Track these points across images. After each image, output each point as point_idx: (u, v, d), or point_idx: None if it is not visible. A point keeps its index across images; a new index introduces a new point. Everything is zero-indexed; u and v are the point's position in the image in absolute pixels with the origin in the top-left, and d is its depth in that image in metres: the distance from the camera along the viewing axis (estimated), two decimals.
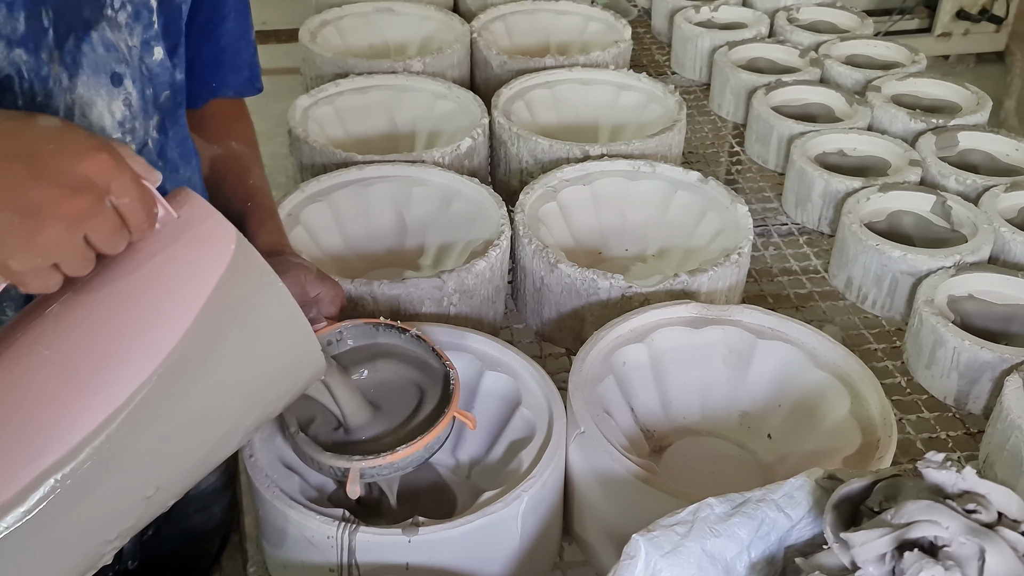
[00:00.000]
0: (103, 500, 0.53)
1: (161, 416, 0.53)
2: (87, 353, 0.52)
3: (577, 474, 0.78)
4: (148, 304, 0.54)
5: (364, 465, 0.70)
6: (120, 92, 0.71)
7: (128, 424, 0.52)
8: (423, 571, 0.69)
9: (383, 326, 0.81)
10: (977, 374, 0.93)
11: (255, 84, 0.95)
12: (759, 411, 0.88)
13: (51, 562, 0.52)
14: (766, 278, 1.18)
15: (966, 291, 1.03)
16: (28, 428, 0.50)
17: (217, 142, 0.92)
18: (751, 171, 1.40)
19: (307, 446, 0.72)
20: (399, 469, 0.72)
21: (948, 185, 1.21)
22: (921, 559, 0.47)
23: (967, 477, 0.51)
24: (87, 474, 0.51)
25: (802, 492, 0.60)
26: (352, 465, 0.70)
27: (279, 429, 0.76)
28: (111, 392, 0.52)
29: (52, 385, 0.51)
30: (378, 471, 0.71)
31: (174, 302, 0.54)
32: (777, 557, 0.60)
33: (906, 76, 1.45)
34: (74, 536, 0.52)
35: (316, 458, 0.71)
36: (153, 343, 0.53)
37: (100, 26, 0.69)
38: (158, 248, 0.54)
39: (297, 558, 0.72)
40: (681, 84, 1.64)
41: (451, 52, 1.43)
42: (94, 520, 0.53)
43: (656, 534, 0.57)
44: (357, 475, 0.70)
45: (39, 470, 0.50)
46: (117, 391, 0.52)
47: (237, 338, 0.56)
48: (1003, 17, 3.17)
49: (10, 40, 0.63)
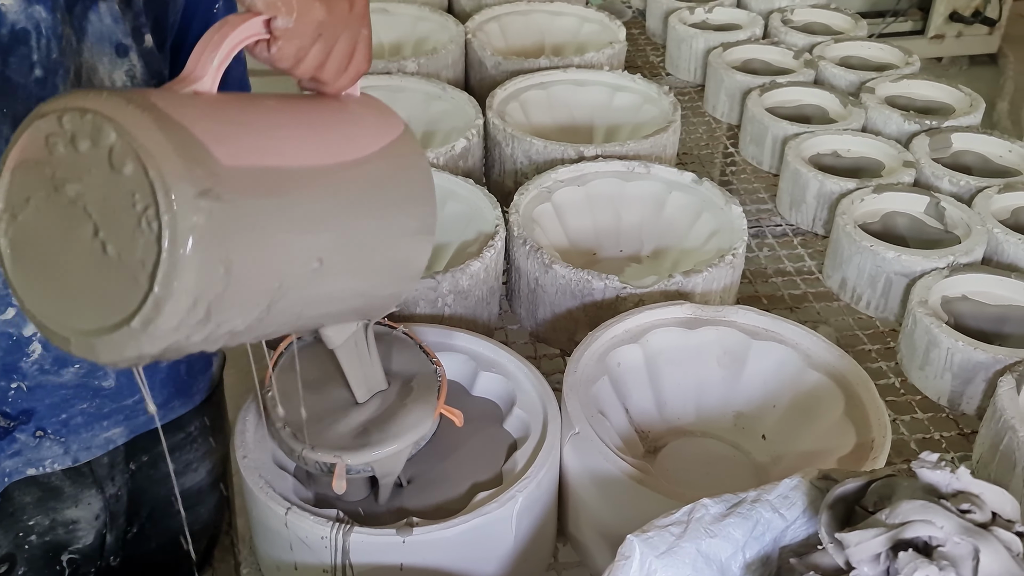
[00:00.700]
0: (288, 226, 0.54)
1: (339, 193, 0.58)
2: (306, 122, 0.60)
3: (572, 475, 0.78)
4: (355, 119, 0.63)
5: (350, 461, 0.70)
6: (124, 63, 0.73)
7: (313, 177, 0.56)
8: (417, 572, 0.69)
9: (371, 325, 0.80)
10: (971, 375, 0.94)
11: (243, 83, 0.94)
12: (753, 412, 0.88)
13: None
14: (760, 279, 1.18)
15: (960, 292, 1.03)
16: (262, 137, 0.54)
17: None
18: (745, 172, 1.41)
19: (292, 441, 0.71)
20: None
21: (942, 186, 1.21)
22: (916, 559, 0.47)
23: (961, 477, 0.51)
24: None
25: (797, 492, 0.60)
26: (339, 461, 0.70)
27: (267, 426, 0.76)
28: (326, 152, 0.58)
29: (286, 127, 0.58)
30: (364, 467, 0.71)
31: (373, 129, 0.63)
32: (772, 557, 0.60)
33: (900, 78, 1.45)
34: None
35: (301, 453, 0.71)
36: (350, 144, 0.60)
37: None
38: (358, 103, 0.65)
39: (290, 559, 0.72)
40: (675, 85, 1.64)
41: (445, 53, 1.42)
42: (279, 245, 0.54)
43: (651, 534, 0.57)
44: (343, 470, 0.70)
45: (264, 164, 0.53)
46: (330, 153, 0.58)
47: (398, 184, 0.63)
48: (996, 19, 3.17)
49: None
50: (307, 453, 0.71)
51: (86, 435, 0.78)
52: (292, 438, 0.71)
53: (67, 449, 0.78)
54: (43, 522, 0.79)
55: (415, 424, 0.73)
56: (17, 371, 0.72)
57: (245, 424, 0.77)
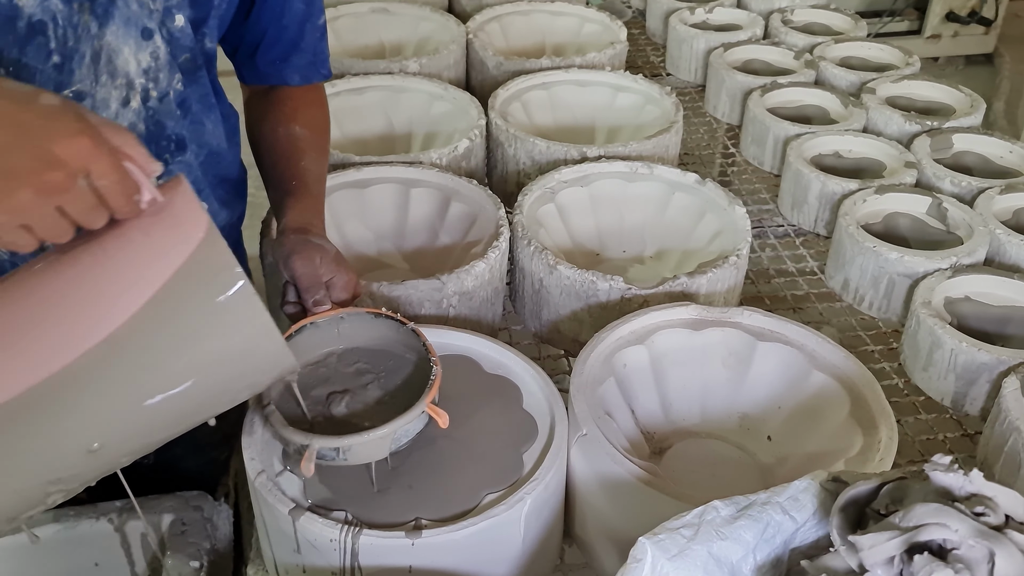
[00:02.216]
0: (38, 445, 0.57)
1: (100, 381, 0.57)
2: (41, 312, 0.57)
3: (579, 476, 0.78)
4: (110, 276, 0.57)
5: (321, 445, 0.69)
6: (149, 45, 0.77)
7: (63, 384, 0.56)
8: (426, 573, 0.69)
9: (383, 317, 0.81)
10: (974, 376, 0.94)
11: (320, 69, 0.97)
12: (759, 413, 0.88)
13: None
14: (763, 279, 1.18)
15: (962, 293, 1.04)
16: None
17: (282, 125, 0.93)
18: (746, 172, 1.41)
19: (273, 419, 0.72)
20: None
21: (943, 187, 1.21)
22: (932, 562, 0.47)
23: (974, 480, 0.51)
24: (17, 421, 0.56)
25: (807, 495, 0.60)
26: (311, 443, 0.69)
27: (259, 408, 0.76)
28: (52, 353, 0.56)
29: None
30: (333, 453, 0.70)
31: (134, 278, 0.57)
32: (782, 559, 0.60)
33: (900, 78, 1.46)
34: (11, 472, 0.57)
35: (280, 432, 0.71)
36: (106, 313, 0.57)
37: None
38: (134, 226, 0.58)
39: (299, 561, 0.71)
40: (676, 85, 1.64)
41: (447, 53, 1.42)
42: (30, 461, 0.57)
43: (662, 537, 0.57)
44: (313, 453, 0.69)
45: None
46: (57, 354, 0.56)
47: (191, 323, 0.58)
48: (992, 19, 3.18)
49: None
50: (284, 432, 0.71)
51: None
52: (275, 418, 0.72)
53: None
54: None
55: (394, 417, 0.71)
56: None
57: (253, 426, 0.77)
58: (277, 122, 0.94)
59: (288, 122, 0.93)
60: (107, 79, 0.76)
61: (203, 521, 0.77)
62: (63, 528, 0.77)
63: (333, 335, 0.81)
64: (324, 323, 0.80)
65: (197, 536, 0.76)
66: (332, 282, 0.80)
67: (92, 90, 0.76)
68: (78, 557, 0.78)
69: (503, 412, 0.80)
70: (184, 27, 0.80)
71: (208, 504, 0.78)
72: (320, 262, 0.80)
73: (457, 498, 0.72)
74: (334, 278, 0.80)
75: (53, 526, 0.77)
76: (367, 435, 0.70)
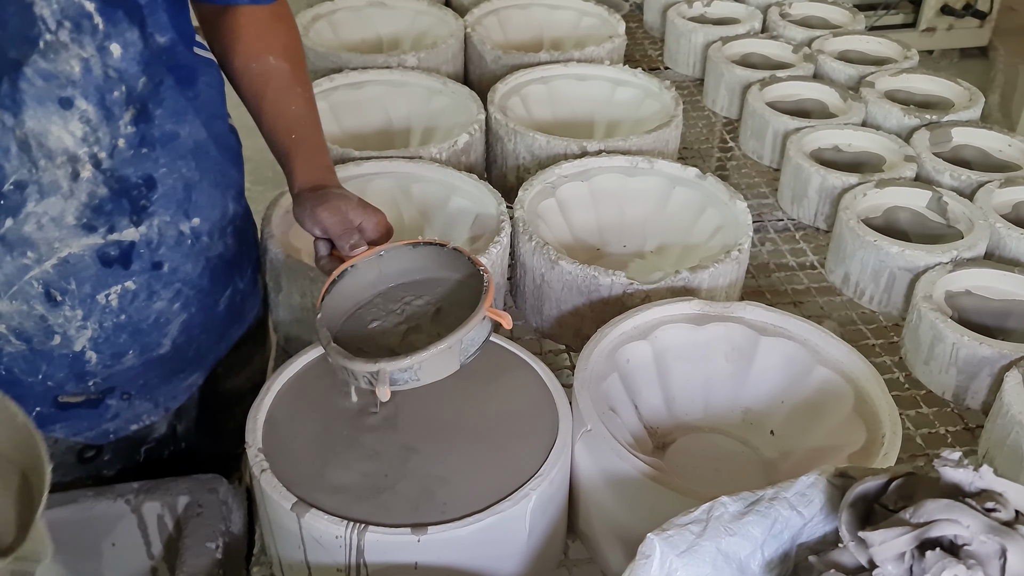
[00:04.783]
0: None
1: None
2: None
3: (583, 472, 0.78)
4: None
5: (391, 367, 0.69)
6: (74, 113, 0.72)
7: None
8: (432, 570, 0.69)
9: (422, 245, 0.82)
10: (976, 370, 0.94)
11: None
12: (762, 407, 0.88)
13: None
14: (763, 274, 1.18)
15: (963, 287, 1.04)
16: None
17: (253, 59, 0.86)
18: (745, 167, 1.41)
19: (337, 355, 0.72)
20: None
21: (943, 181, 1.22)
22: (943, 558, 0.47)
23: (984, 475, 0.51)
24: None
25: (814, 490, 0.60)
26: (380, 366, 0.69)
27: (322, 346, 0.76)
28: None
29: None
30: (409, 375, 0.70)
31: None
32: (790, 555, 0.60)
33: (899, 72, 1.46)
34: None
35: (347, 366, 0.71)
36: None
37: (32, 60, 0.69)
38: None
39: (304, 558, 0.71)
40: (674, 79, 1.64)
41: (445, 47, 1.42)
42: None
43: (671, 533, 0.57)
44: (386, 376, 0.70)
45: None
46: None
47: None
48: (987, 12, 3.19)
49: None
50: (352, 365, 0.70)
51: (166, 388, 0.89)
52: (337, 353, 0.72)
53: (156, 403, 0.89)
54: None
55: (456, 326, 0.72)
56: (88, 374, 0.82)
57: (256, 422, 0.77)
58: (248, 56, 0.85)
59: (258, 54, 0.85)
60: (46, 163, 0.72)
61: (219, 504, 0.77)
62: (80, 508, 0.78)
63: (376, 274, 0.82)
64: (364, 264, 0.80)
65: (213, 518, 0.76)
66: (362, 226, 0.81)
67: (35, 177, 0.72)
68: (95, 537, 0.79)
69: (512, 404, 0.80)
70: (124, 53, 0.73)
71: (224, 487, 0.79)
72: (347, 209, 0.80)
73: (463, 501, 0.72)
74: (363, 222, 0.81)
75: (70, 507, 0.78)
76: (434, 348, 0.70)
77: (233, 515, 0.78)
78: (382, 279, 0.82)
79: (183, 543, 0.75)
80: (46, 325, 0.78)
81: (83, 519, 0.78)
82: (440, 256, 0.81)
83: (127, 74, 0.74)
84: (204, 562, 0.73)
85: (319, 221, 0.80)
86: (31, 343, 0.78)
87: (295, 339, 1.01)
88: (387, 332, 0.78)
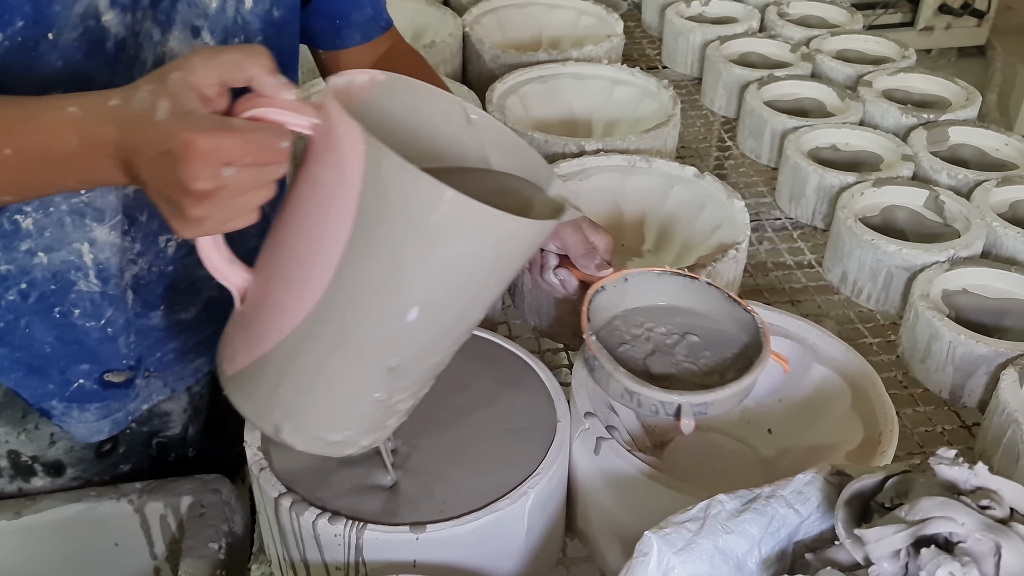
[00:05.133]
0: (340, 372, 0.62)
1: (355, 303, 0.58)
2: (285, 265, 0.61)
3: (582, 470, 0.79)
4: (315, 216, 0.58)
5: (691, 400, 0.71)
6: (198, 43, 0.75)
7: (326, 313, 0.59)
8: (430, 568, 0.69)
9: (668, 274, 0.82)
10: (972, 368, 0.94)
11: (379, 21, 0.94)
12: (760, 406, 0.88)
13: None
14: (761, 272, 1.19)
15: (960, 285, 1.04)
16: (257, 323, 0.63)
17: None
18: (743, 166, 1.41)
19: (634, 383, 0.72)
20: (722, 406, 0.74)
21: (940, 180, 1.22)
22: (938, 555, 0.47)
23: (979, 473, 0.51)
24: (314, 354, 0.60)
25: (811, 488, 0.60)
26: (683, 400, 0.71)
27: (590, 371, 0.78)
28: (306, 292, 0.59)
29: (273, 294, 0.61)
30: (700, 408, 0.72)
31: (334, 210, 0.56)
32: (786, 553, 0.60)
33: (896, 71, 1.46)
34: None
35: (645, 394, 0.72)
36: (328, 248, 0.57)
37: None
38: (310, 161, 0.58)
39: (303, 557, 0.72)
40: (672, 78, 1.64)
41: (444, 46, 1.42)
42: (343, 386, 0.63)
43: (668, 531, 0.57)
44: (690, 410, 0.71)
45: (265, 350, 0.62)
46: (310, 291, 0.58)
47: (400, 228, 0.55)
48: (985, 11, 3.19)
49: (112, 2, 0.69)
50: (652, 394, 0.71)
51: (177, 368, 0.92)
52: (630, 380, 0.72)
53: (165, 382, 0.91)
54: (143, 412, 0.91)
55: (750, 366, 0.74)
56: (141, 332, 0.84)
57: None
58: None
59: None
60: None
61: (222, 504, 0.78)
62: (84, 508, 0.79)
63: (617, 296, 0.82)
64: (610, 286, 0.81)
65: (216, 519, 0.77)
66: (597, 244, 0.81)
67: None
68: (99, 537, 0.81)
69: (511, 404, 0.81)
70: (253, 7, 0.78)
71: (227, 488, 0.80)
72: (584, 226, 0.81)
73: (462, 499, 0.72)
74: (596, 240, 0.81)
75: (74, 506, 0.79)
76: (731, 388, 0.72)
77: (236, 516, 0.78)
78: (620, 302, 0.82)
79: (186, 543, 0.75)
80: None
81: (87, 519, 0.79)
82: (685, 287, 0.82)
83: (249, 28, 0.78)
84: (207, 562, 0.73)
85: (560, 237, 0.80)
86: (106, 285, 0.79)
87: None
88: (636, 359, 0.78)
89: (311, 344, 0.60)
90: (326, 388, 0.63)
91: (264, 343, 0.62)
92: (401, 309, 0.59)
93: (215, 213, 0.55)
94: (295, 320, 0.59)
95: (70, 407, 0.83)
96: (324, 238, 0.57)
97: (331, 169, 0.55)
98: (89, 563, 0.81)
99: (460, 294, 0.61)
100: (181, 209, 0.55)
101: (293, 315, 0.60)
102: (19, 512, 0.79)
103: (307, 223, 0.58)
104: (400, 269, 0.56)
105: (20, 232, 0.75)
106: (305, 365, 0.61)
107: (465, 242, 0.56)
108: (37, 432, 0.84)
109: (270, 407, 0.64)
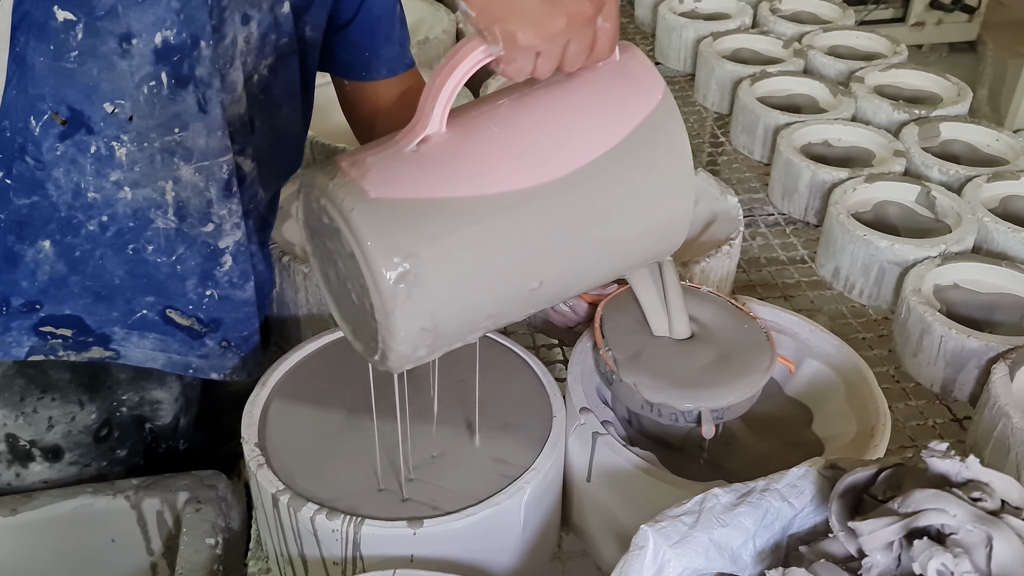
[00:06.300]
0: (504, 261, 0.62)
1: (563, 209, 0.62)
2: (528, 138, 0.62)
3: (577, 465, 0.79)
4: (585, 117, 0.63)
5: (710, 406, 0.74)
6: (244, 30, 0.79)
7: (539, 202, 0.61)
8: (427, 563, 0.70)
9: None
10: (963, 362, 0.95)
11: (405, 59, 0.99)
12: None
13: None
14: (754, 268, 1.19)
15: (951, 280, 1.05)
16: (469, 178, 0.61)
17: None
18: (736, 162, 1.42)
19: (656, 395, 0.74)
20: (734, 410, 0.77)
21: (931, 175, 1.23)
22: (931, 547, 0.48)
23: (971, 466, 0.52)
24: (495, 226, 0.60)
25: (805, 481, 0.61)
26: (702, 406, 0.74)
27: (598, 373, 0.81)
28: (539, 170, 0.61)
29: (495, 154, 0.61)
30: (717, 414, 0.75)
31: (606, 122, 0.63)
32: (781, 545, 0.61)
33: (888, 67, 1.47)
34: None
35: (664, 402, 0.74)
36: (581, 149, 0.62)
37: None
38: (599, 78, 0.63)
39: (300, 552, 0.72)
40: (665, 75, 1.65)
41: (438, 42, 1.42)
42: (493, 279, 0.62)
43: (664, 524, 0.58)
44: (710, 416, 0.74)
45: None
46: (544, 171, 0.61)
47: (644, 173, 0.64)
48: (975, 7, 3.20)
49: None
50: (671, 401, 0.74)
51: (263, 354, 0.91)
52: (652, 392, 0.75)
53: (244, 363, 0.89)
54: (133, 398, 0.89)
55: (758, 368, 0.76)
56: (211, 278, 0.83)
57: (252, 417, 0.77)
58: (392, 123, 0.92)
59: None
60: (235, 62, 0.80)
61: (218, 500, 0.78)
62: (80, 505, 0.79)
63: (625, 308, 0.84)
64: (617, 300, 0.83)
65: (212, 514, 0.77)
66: None
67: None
68: (95, 533, 0.80)
69: (507, 398, 0.81)
70: (288, 14, 0.83)
71: (223, 483, 0.80)
72: None
73: (458, 494, 0.73)
74: None
75: (70, 502, 0.79)
76: (745, 393, 0.75)
77: (232, 511, 0.79)
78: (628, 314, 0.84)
79: (182, 539, 0.75)
80: (208, 211, 0.80)
81: (83, 515, 0.79)
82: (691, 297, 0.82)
83: (283, 29, 0.83)
84: (203, 558, 0.74)
85: None
86: (183, 223, 0.79)
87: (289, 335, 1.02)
88: None
89: (502, 219, 0.60)
90: (482, 265, 0.61)
91: (448, 189, 0.60)
92: (593, 234, 0.63)
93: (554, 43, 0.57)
94: (503, 187, 0.60)
95: (130, 333, 0.83)
96: (585, 140, 0.62)
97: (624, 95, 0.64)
98: (86, 559, 0.81)
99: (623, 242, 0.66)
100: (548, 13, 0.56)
101: (504, 181, 0.60)
102: (15, 509, 0.79)
103: (575, 124, 0.63)
104: (622, 194, 0.63)
105: (113, 160, 0.75)
106: (479, 233, 0.60)
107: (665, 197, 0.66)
108: (35, 416, 0.84)
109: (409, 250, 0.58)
